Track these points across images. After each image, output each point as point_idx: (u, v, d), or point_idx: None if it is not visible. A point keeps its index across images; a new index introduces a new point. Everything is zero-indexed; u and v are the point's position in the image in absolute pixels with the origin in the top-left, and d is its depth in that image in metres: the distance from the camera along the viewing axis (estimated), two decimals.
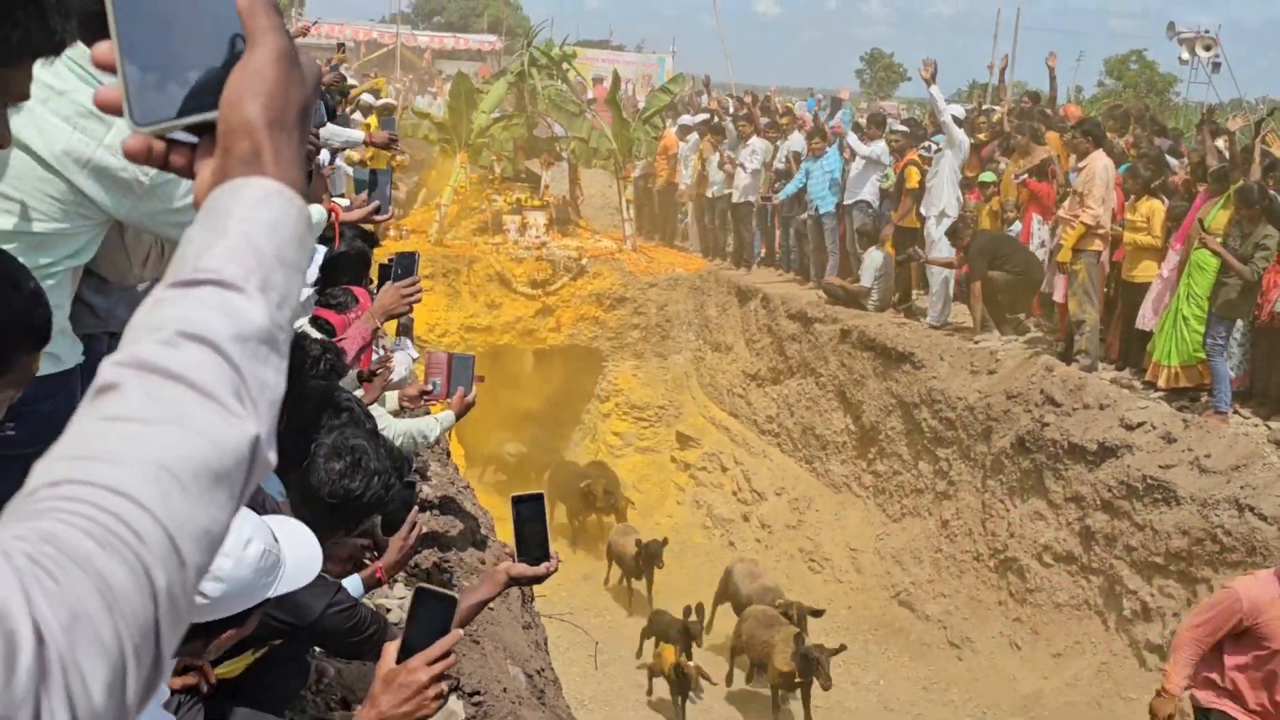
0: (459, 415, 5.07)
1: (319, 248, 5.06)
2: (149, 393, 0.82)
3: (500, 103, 19.12)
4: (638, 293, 17.53)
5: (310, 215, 0.96)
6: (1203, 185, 10.52)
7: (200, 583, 0.83)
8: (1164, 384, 10.45)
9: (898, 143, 13.99)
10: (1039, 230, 12.46)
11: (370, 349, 4.79)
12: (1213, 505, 9.42)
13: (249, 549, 2.20)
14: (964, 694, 10.97)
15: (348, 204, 5.06)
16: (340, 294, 4.89)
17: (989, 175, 13.04)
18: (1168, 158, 12.12)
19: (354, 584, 3.35)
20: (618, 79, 19.51)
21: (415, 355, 5.89)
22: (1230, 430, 9.83)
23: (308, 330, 4.08)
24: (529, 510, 3.18)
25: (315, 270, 4.31)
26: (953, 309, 13.44)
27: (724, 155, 16.76)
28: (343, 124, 7.72)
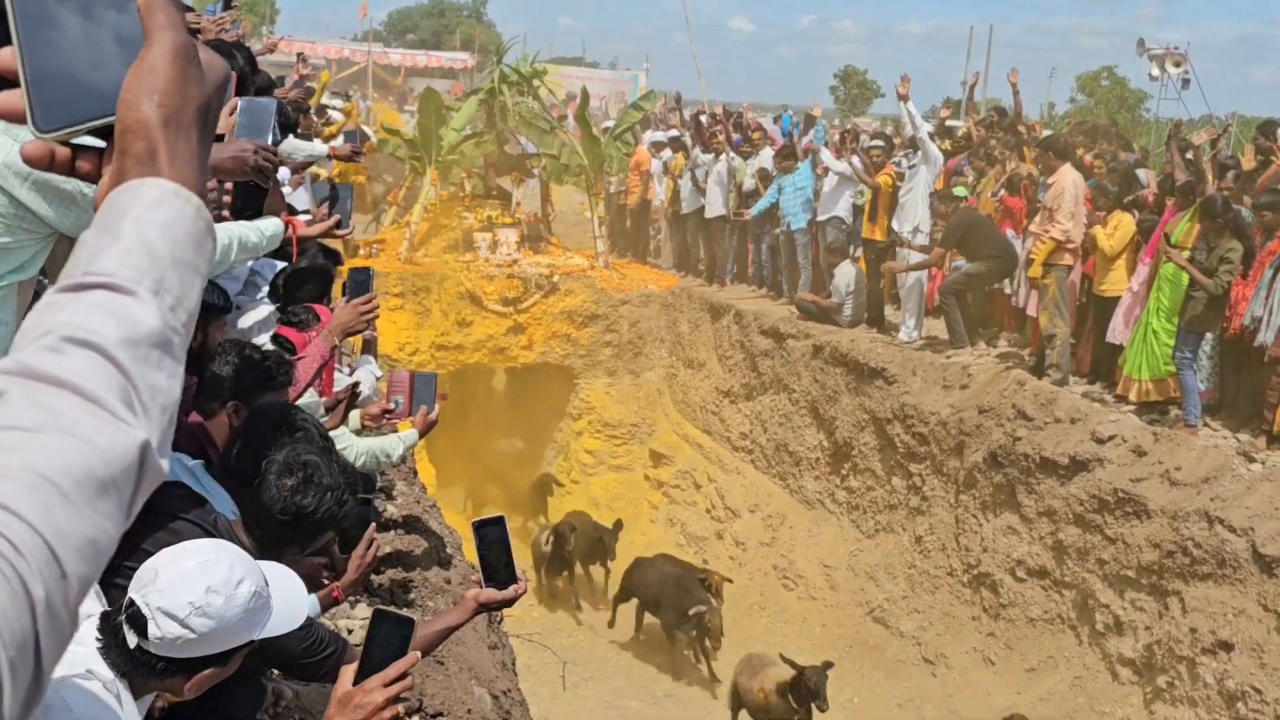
0: (422, 434, 5.03)
1: (275, 263, 5.01)
2: (32, 400, 0.79)
3: (471, 120, 19.09)
4: (610, 310, 17.48)
5: (208, 216, 0.93)
6: (1171, 199, 10.59)
7: (84, 598, 0.79)
8: (1135, 398, 10.50)
9: (878, 158, 13.90)
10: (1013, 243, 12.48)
11: (332, 367, 4.73)
12: (1183, 518, 9.45)
13: (240, 588, 2.17)
14: (938, 710, 10.95)
15: (309, 218, 5.00)
16: (302, 311, 4.85)
17: (961, 190, 13.06)
18: (1137, 171, 12.19)
19: (311, 604, 3.30)
20: (586, 95, 19.52)
21: (379, 373, 5.83)
22: (1200, 443, 9.86)
23: (268, 345, 4.03)
24: (493, 534, 3.12)
25: (266, 287, 4.25)
26: (925, 325, 13.47)
27: (694, 160, 16.73)
28: (305, 139, 7.66)
